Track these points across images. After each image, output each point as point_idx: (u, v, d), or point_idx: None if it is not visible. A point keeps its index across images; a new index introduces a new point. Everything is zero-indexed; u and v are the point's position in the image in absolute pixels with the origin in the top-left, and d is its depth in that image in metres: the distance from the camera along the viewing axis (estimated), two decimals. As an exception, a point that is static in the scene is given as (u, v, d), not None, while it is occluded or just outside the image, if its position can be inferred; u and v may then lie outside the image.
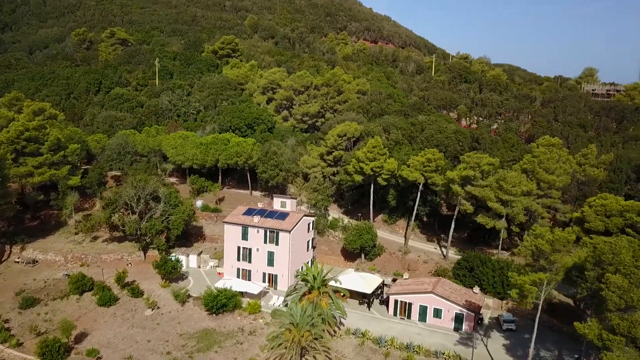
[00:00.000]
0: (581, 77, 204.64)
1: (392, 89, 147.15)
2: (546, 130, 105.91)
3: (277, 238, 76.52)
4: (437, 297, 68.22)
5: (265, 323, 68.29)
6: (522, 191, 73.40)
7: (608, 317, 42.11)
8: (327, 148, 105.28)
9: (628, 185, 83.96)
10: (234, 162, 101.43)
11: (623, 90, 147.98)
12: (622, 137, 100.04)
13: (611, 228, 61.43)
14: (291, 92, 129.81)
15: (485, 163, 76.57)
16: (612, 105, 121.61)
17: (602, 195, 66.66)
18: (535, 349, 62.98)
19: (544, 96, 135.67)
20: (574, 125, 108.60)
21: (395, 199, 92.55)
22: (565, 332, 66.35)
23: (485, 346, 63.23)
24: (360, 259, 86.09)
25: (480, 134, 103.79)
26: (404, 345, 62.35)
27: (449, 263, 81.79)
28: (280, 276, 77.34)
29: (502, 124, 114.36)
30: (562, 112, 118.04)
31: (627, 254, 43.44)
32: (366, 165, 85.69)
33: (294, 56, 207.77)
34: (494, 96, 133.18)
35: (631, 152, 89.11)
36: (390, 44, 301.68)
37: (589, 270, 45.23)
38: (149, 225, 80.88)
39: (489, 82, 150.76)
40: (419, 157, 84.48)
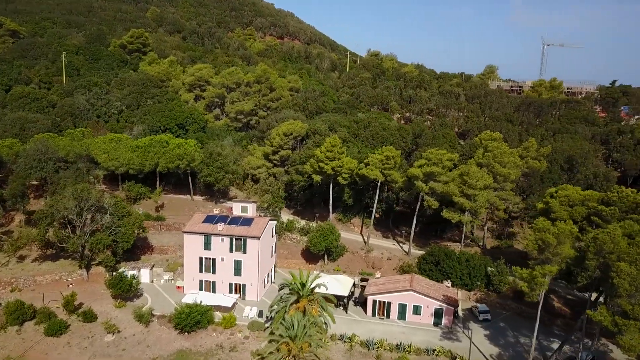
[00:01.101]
0: (483, 74, 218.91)
1: (321, 86, 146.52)
2: (480, 125, 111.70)
3: (244, 246, 72.26)
4: (416, 294, 68.64)
5: (244, 337, 64.29)
6: (483, 185, 76.20)
7: (617, 303, 44.76)
8: (273, 148, 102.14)
9: (564, 174, 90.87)
10: (175, 165, 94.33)
11: (530, 86, 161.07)
12: (546, 130, 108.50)
13: (575, 217, 65.86)
14: (223, 89, 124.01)
15: (446, 159, 78.44)
16: (531, 100, 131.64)
17: (564, 186, 71.33)
18: (513, 336, 66.02)
19: (467, 92, 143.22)
20: (502, 119, 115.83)
21: (352, 197, 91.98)
22: (534, 317, 70.09)
23: (470, 339, 64.58)
24: (323, 261, 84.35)
25: (421, 130, 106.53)
26: (394, 346, 61.91)
27: (413, 258, 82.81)
28: (249, 286, 73.23)
29: (436, 120, 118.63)
30: (488, 107, 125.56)
31: (624, 242, 46.50)
32: (326, 165, 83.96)
33: (206, 52, 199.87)
34: (421, 93, 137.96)
35: (560, 144, 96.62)
36: (296, 40, 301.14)
37: (590, 260, 47.78)
38: (96, 239, 72.35)
39: (412, 79, 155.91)
40: (377, 154, 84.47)
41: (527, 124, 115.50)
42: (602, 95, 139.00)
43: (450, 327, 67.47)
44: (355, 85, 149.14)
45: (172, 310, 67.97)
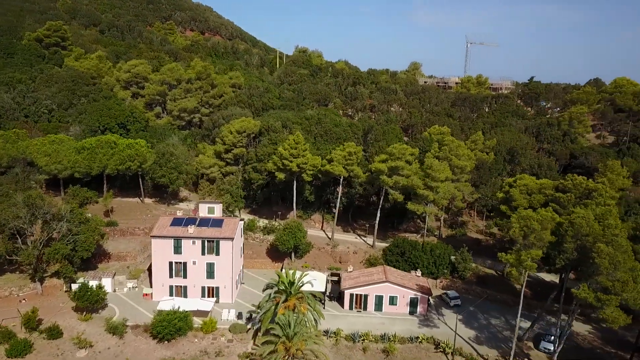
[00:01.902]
0: (408, 71, 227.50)
1: (261, 82, 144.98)
2: (424, 120, 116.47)
3: (217, 247, 70.32)
4: (392, 285, 70.62)
5: (227, 340, 62.75)
6: (445, 177, 79.87)
7: (597, 281, 49.18)
8: (226, 146, 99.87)
9: (508, 165, 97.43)
10: (126, 167, 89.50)
11: (457, 82, 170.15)
12: (484, 123, 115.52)
13: (534, 204, 71.06)
14: (165, 86, 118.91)
15: (408, 153, 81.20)
16: (465, 96, 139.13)
17: (521, 175, 76.60)
18: (485, 319, 70.08)
19: (405, 89, 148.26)
20: (442, 114, 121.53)
21: (312, 194, 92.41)
22: (499, 299, 74.99)
23: (448, 326, 67.78)
24: (290, 258, 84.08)
25: (371, 126, 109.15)
26: (379, 337, 63.43)
27: (377, 250, 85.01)
28: (223, 288, 71.41)
29: (380, 116, 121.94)
30: (427, 102, 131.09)
31: (597, 225, 51.15)
32: (291, 163, 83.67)
33: (129, 47, 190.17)
34: (361, 89, 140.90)
35: (501, 137, 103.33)
36: (217, 35, 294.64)
37: (568, 243, 52.01)
38: (53, 250, 66.94)
39: (349, 76, 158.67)
40: (339, 151, 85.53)
41: (464, 118, 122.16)
42: (524, 91, 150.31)
43: (426, 315, 70.23)
44: (295, 81, 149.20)
45: (144, 319, 65.01)
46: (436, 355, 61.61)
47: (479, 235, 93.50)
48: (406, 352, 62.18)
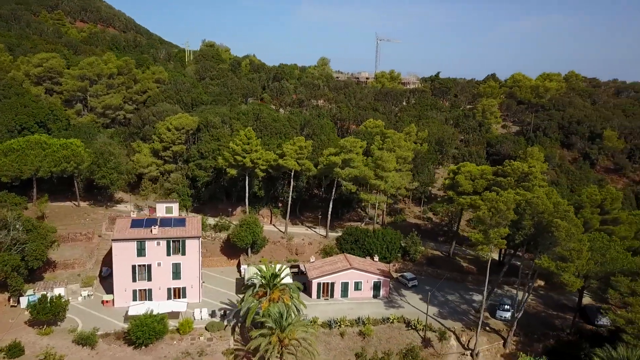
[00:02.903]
0: (317, 66, 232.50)
1: (183, 77, 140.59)
2: (355, 114, 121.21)
3: (183, 247, 68.84)
4: (357, 271, 74.07)
5: (207, 339, 62.15)
6: (393, 167, 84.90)
7: (555, 251, 56.42)
8: (164, 144, 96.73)
9: (439, 154, 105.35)
10: (61, 169, 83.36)
11: (369, 77, 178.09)
12: (409, 116, 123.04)
13: (478, 188, 78.33)
14: (86, 82, 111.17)
15: (359, 146, 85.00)
16: (387, 90, 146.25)
17: (464, 163, 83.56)
18: (442, 296, 76.16)
19: (328, 84, 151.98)
20: (369, 108, 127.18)
21: (262, 188, 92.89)
22: (448, 278, 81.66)
23: (409, 303, 72.75)
24: (246, 254, 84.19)
25: (307, 120, 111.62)
26: (354, 321, 66.59)
27: (331, 240, 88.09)
28: (190, 288, 70.09)
29: (312, 110, 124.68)
30: (352, 97, 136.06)
31: (550, 203, 58.56)
32: (244, 158, 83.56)
33: (21, 38, 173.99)
34: (286, 84, 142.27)
35: (430, 128, 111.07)
36: (110, 27, 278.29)
37: (527, 220, 58.85)
38: (0, 261, 61.31)
39: (270, 70, 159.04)
40: (290, 145, 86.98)
41: (388, 112, 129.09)
42: (434, 85, 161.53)
43: (389, 297, 74.64)
44: (216, 76, 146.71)
45: (112, 326, 62.30)
46: (408, 332, 66.14)
47: (417, 221, 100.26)
48: (380, 332, 66.00)
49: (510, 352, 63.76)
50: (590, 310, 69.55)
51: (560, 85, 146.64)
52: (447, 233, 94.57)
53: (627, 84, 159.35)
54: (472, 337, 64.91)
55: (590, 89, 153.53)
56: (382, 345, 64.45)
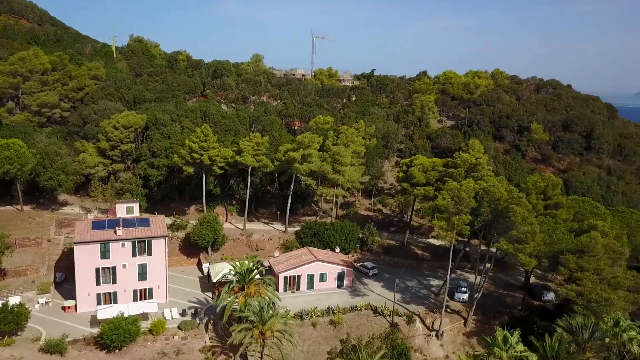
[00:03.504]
0: (251, 62, 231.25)
1: (120, 73, 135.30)
2: (302, 111, 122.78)
3: (149, 247, 67.59)
4: (322, 263, 76.19)
5: (182, 338, 61.75)
6: (349, 162, 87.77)
7: (511, 235, 61.58)
8: (112, 142, 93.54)
9: (385, 149, 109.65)
10: (3, 171, 78.40)
11: (305, 74, 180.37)
12: (352, 112, 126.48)
13: (430, 180, 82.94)
14: (19, 78, 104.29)
15: (316, 142, 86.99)
16: (329, 87, 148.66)
17: (416, 156, 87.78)
18: (402, 282, 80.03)
19: (271, 81, 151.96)
20: (313, 105, 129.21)
21: (218, 186, 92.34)
22: (405, 265, 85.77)
23: (373, 291, 75.95)
24: (207, 252, 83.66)
25: (256, 117, 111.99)
26: (325, 311, 68.74)
27: (290, 235, 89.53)
28: (157, 288, 68.90)
29: (257, 107, 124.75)
30: (296, 94, 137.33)
31: (504, 191, 63.81)
32: (202, 156, 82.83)
33: None
34: (228, 80, 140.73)
35: (375, 124, 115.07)
36: (24, 19, 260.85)
37: (485, 207, 63.65)
38: (-48, 271, 57.39)
39: (209, 67, 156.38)
40: (247, 141, 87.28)
41: (333, 108, 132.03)
42: (371, 82, 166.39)
43: (352, 286, 77.47)
44: (154, 73, 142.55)
45: (79, 332, 60.30)
46: (377, 318, 69.26)
47: (368, 213, 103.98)
48: (350, 320, 68.60)
49: (470, 330, 68.73)
50: (535, 288, 76.37)
51: (489, 82, 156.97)
52: (398, 223, 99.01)
53: (544, 81, 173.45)
54: (436, 319, 69.18)
55: (514, 85, 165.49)
56: (353, 332, 66.97)
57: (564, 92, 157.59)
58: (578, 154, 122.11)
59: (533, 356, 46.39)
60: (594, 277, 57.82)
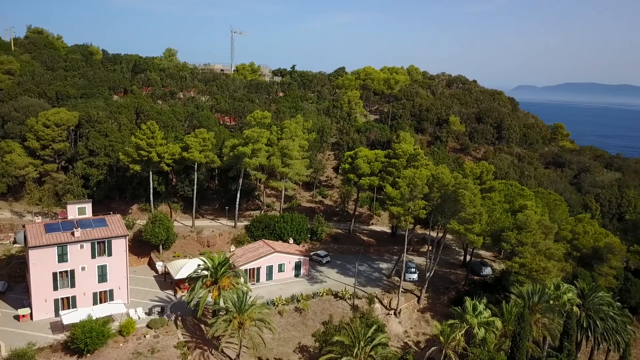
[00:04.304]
0: (164, 57, 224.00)
1: (33, 66, 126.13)
2: (235, 106, 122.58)
3: (109, 248, 65.78)
4: (280, 254, 78.49)
5: (154, 336, 61.31)
6: (297, 156, 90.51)
7: (460, 217, 68.06)
8: (42, 142, 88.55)
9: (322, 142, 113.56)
10: None
11: (232, 69, 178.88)
12: (284, 107, 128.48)
13: (374, 170, 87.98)
14: None
15: (265, 136, 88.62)
16: (256, 82, 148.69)
17: (360, 149, 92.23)
18: (353, 267, 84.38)
19: (197, 76, 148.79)
20: (244, 100, 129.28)
21: (162, 184, 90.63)
22: (353, 251, 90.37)
23: (329, 277, 79.63)
24: (158, 251, 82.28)
25: (191, 112, 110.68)
26: (289, 299, 71.28)
27: (239, 229, 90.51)
28: (118, 289, 67.24)
29: (187, 102, 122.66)
30: (225, 89, 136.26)
31: (451, 177, 70.28)
32: (150, 153, 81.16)
33: None
34: (152, 76, 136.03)
35: (312, 118, 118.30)
36: None
37: (435, 193, 69.56)
38: None
39: (129, 61, 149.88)
40: (193, 137, 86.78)
41: (261, 102, 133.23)
42: (294, 78, 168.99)
43: (309, 275, 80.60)
44: (71, 67, 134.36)
45: (43, 341, 57.70)
46: (338, 302, 73.05)
47: (310, 205, 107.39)
48: (314, 306, 71.76)
49: (423, 307, 74.89)
50: (475, 264, 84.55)
51: (406, 78, 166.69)
52: (341, 213, 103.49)
53: (452, 77, 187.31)
54: (392, 298, 74.47)
55: (428, 81, 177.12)
56: (319, 317, 70.28)
57: (473, 87, 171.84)
58: (491, 144, 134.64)
59: (497, 320, 52.75)
60: (532, 249, 65.99)
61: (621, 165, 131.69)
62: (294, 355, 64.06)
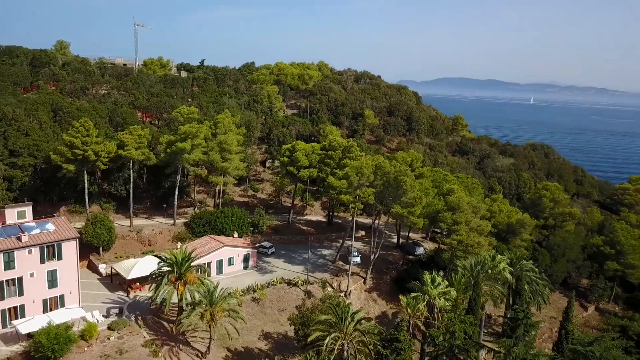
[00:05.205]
0: (55, 50, 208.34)
1: None
2: (156, 102, 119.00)
3: (59, 251, 62.82)
4: (230, 248, 79.71)
5: (119, 338, 60.25)
6: (236, 150, 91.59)
7: (403, 201, 74.26)
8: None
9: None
10: None
11: (138, 63, 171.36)
12: (206, 102, 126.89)
13: (313, 162, 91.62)
14: None
15: (203, 132, 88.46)
16: (172, 77, 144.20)
17: (297, 142, 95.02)
18: (299, 255, 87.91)
19: (110, 71, 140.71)
20: (162, 95, 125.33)
21: (95, 183, 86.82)
22: (294, 241, 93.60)
23: (278, 267, 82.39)
24: (98, 253, 79.24)
25: (112, 109, 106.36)
26: (245, 290, 73.07)
27: (179, 227, 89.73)
28: (69, 294, 64.39)
29: (103, 98, 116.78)
30: (141, 85, 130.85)
31: (390, 166, 76.36)
32: (86, 152, 77.68)
33: None
34: (58, 70, 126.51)
35: (236, 112, 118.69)
36: None
37: (378, 181, 75.07)
38: None
39: (27, 54, 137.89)
40: (127, 134, 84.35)
41: (182, 98, 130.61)
42: (207, 73, 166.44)
43: (257, 266, 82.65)
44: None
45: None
46: (292, 289, 76.21)
47: (243, 199, 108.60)
48: (270, 295, 74.28)
49: (370, 287, 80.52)
50: (408, 245, 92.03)
51: (318, 74, 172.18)
52: (275, 205, 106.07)
53: (359, 72, 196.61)
54: (341, 281, 79.18)
55: (337, 76, 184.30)
56: (275, 305, 72.98)
57: (380, 82, 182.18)
58: (403, 135, 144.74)
59: (452, 290, 59.44)
60: (466, 227, 74.24)
61: (513, 151, 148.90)
62: (259, 343, 66.27)
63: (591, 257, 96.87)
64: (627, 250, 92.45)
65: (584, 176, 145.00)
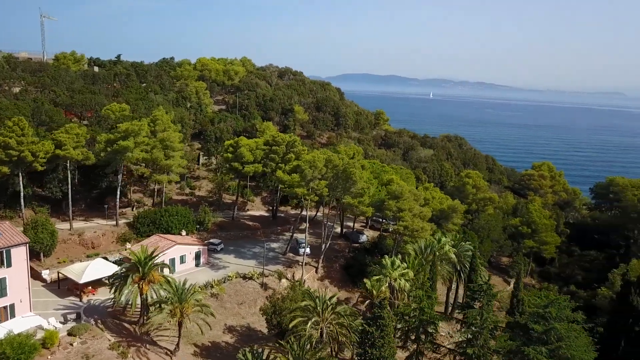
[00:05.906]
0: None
1: None
2: (82, 100, 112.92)
3: (8, 258, 59.47)
4: (181, 246, 79.23)
5: (82, 343, 58.57)
6: (179, 147, 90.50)
7: (352, 192, 78.10)
8: None
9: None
10: None
11: (53, 58, 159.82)
12: (134, 99, 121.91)
13: (257, 158, 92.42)
14: None
15: (145, 129, 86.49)
16: (93, 73, 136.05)
17: (240, 138, 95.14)
18: (248, 250, 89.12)
19: (23, 67, 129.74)
20: (85, 92, 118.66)
21: (27, 186, 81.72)
22: (240, 236, 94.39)
23: (229, 262, 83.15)
24: (38, 260, 75.15)
25: (37, 106, 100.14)
26: (203, 286, 73.35)
27: (122, 227, 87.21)
28: (19, 302, 61.17)
29: (20, 95, 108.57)
30: (61, 81, 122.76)
31: (339, 159, 80.00)
32: (22, 152, 73.23)
33: None
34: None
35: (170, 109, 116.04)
36: None
37: (328, 173, 78.28)
38: None
39: None
40: (62, 133, 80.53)
41: (105, 95, 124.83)
42: (126, 68, 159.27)
43: (209, 263, 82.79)
44: None
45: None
46: (248, 283, 77.59)
47: (181, 197, 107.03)
48: (228, 290, 75.16)
49: (321, 275, 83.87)
50: (352, 234, 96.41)
51: (243, 69, 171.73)
52: (216, 202, 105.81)
53: (281, 68, 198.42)
54: (294, 272, 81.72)
55: (262, 72, 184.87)
56: (234, 299, 74.10)
57: (304, 79, 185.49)
58: (331, 130, 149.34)
59: (410, 271, 64.25)
60: (410, 214, 79.84)
61: (432, 143, 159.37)
62: (225, 336, 67.21)
63: (511, 236, 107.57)
64: (541, 229, 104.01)
65: (494, 164, 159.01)
